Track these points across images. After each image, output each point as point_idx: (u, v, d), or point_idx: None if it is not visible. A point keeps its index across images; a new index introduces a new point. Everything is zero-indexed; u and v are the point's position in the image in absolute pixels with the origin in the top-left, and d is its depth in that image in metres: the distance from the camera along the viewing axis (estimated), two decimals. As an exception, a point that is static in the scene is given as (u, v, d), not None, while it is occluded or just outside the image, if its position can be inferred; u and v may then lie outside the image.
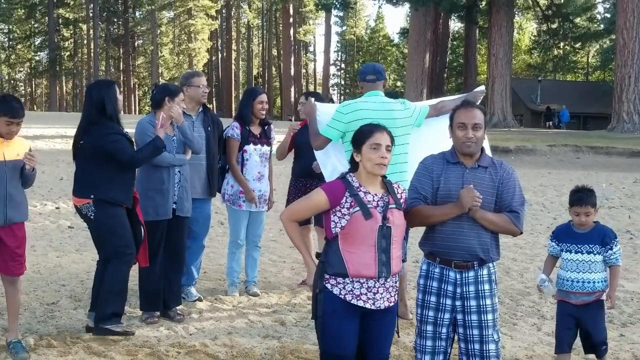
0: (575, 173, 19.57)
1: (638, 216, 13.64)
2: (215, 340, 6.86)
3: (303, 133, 8.24)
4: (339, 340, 4.60)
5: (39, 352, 6.41)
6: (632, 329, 7.57)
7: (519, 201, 4.94)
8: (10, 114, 6.07)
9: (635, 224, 12.81)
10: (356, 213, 4.45)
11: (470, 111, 4.89)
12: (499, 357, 5.04)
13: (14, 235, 6.23)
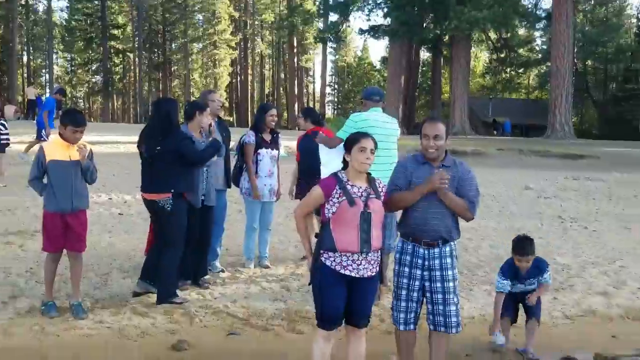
0: (519, 171, 19.56)
1: (567, 204, 13.67)
2: (235, 303, 6.89)
3: (304, 142, 8.31)
4: (330, 301, 4.62)
5: (95, 312, 6.46)
6: (562, 293, 7.64)
7: (475, 193, 5.03)
8: (74, 123, 6.18)
9: (566, 211, 12.83)
10: (343, 201, 4.51)
11: (432, 124, 4.99)
12: (458, 316, 5.08)
13: (79, 220, 6.32)
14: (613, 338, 6.58)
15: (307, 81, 73.91)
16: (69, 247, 6.32)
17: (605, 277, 8.31)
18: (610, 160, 24.04)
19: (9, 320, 6.22)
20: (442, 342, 5.12)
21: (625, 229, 11.23)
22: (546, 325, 6.51)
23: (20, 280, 7.27)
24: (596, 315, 7.14)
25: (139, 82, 68.82)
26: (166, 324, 6.32)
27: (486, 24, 36.73)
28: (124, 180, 13.93)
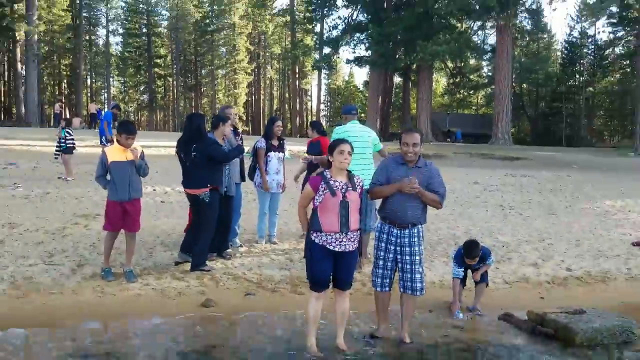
0: (469, 170, 19.58)
1: (506, 196, 13.69)
2: (250, 271, 6.90)
3: (310, 146, 8.34)
4: (319, 269, 4.69)
5: (143, 277, 6.48)
6: (502, 264, 7.66)
7: (443, 188, 5.13)
8: (127, 132, 6.31)
9: (505, 201, 12.87)
10: (327, 193, 4.61)
11: (411, 135, 5.06)
12: (422, 282, 5.16)
13: (135, 207, 6.40)
14: (541, 299, 6.62)
15: (306, 100, 73.74)
16: (127, 228, 6.39)
17: (536, 252, 8.34)
18: (539, 161, 24.11)
19: (77, 283, 6.26)
20: (410, 302, 5.18)
21: (551, 215, 11.27)
22: (490, 289, 6.52)
23: (85, 252, 7.28)
24: (528, 282, 7.18)
25: (176, 100, 68.89)
26: (197, 286, 6.34)
27: (445, 56, 36.76)
28: (164, 176, 13.92)
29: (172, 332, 5.35)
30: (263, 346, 5.00)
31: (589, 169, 21.46)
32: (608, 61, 54.14)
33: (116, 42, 67.86)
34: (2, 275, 6.26)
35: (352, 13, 42.44)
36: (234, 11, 64.49)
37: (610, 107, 56.85)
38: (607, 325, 5.40)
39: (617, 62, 53.41)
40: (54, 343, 4.92)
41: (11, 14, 43.44)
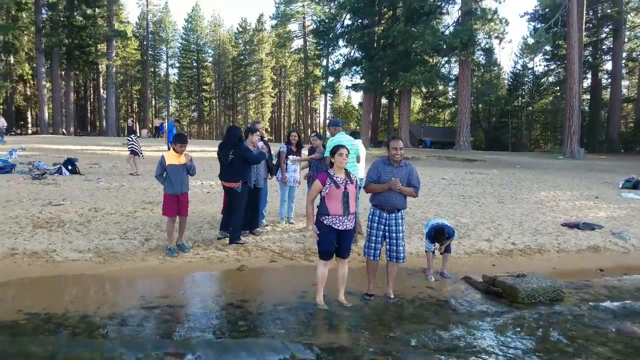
0: (438, 169, 19.44)
1: (466, 188, 13.55)
2: (274, 244, 6.88)
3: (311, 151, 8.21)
4: (326, 243, 4.70)
5: (193, 249, 6.47)
6: (463, 240, 7.58)
7: (418, 182, 5.16)
8: (180, 141, 6.27)
9: (466, 192, 12.74)
10: (332, 186, 4.63)
11: (396, 141, 5.13)
12: (404, 252, 5.16)
13: (185, 198, 6.36)
14: (493, 266, 6.57)
15: (315, 116, 73.48)
16: (180, 213, 6.34)
17: (489, 231, 8.27)
18: (491, 162, 23.92)
19: (145, 252, 6.26)
20: (394, 268, 5.18)
21: (500, 203, 11.18)
22: (454, 259, 6.49)
23: (151, 230, 7.26)
24: (483, 253, 7.12)
25: (218, 116, 68.86)
26: (234, 255, 6.33)
27: (420, 83, 36.53)
28: (209, 173, 13.91)
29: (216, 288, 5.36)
30: (283, 298, 5.00)
31: (529, 168, 21.27)
32: (543, 87, 53.97)
33: (174, 73, 67.88)
34: (89, 247, 6.29)
35: (350, 51, 42.32)
36: (261, 50, 64.37)
37: (545, 121, 56.49)
38: (542, 285, 5.36)
39: (550, 88, 53.33)
40: (128, 295, 4.95)
41: (96, 52, 43.55)
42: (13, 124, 40.41)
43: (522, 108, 55.38)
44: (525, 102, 55.76)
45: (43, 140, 24.62)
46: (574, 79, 28.74)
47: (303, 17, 56.09)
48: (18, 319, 4.19)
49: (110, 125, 43.29)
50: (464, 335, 4.24)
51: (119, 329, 4.13)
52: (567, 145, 28.93)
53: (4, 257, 5.76)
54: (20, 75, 46.89)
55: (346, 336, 4.17)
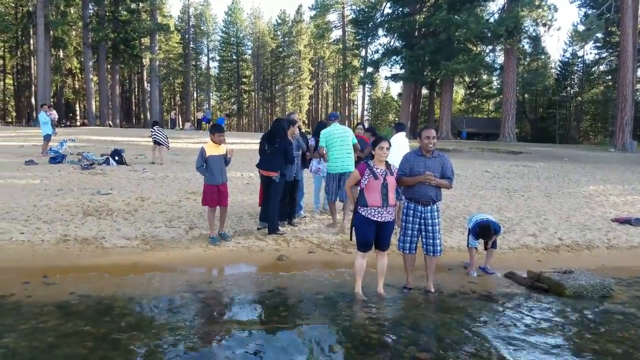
0: (481, 161, 18.94)
1: (511, 181, 13.18)
2: (312, 235, 6.93)
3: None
4: (363, 235, 4.71)
5: (234, 238, 6.61)
6: (508, 234, 7.35)
7: (452, 173, 5.05)
8: (218, 131, 6.35)
9: (510, 185, 12.39)
10: (371, 177, 4.63)
11: (428, 130, 5.03)
12: (441, 246, 5.10)
13: (225, 187, 6.46)
14: (538, 262, 6.40)
15: (353, 108, 73.03)
16: (220, 204, 6.46)
17: (534, 225, 8.03)
18: (538, 155, 23.11)
19: (188, 240, 6.46)
20: (432, 261, 5.13)
21: (546, 197, 10.82)
22: (498, 254, 6.33)
23: (194, 219, 7.48)
24: (528, 248, 6.94)
25: (257, 109, 69.68)
26: (274, 245, 6.42)
27: (463, 72, 35.64)
28: (248, 164, 14.12)
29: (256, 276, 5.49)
30: (322, 288, 5.06)
31: (577, 161, 20.42)
32: (594, 76, 51.51)
33: (214, 66, 69.14)
34: (137, 234, 6.56)
35: (390, 41, 41.78)
36: (300, 41, 64.51)
37: (595, 112, 53.84)
38: (590, 282, 5.18)
39: (601, 77, 50.82)
40: (173, 280, 5.13)
41: (140, 45, 44.91)
42: (63, 116, 42.35)
43: (571, 98, 53.08)
44: (574, 92, 53.45)
45: (90, 131, 25.70)
46: (628, 68, 27.27)
47: (342, 7, 55.69)
48: (70, 300, 4.44)
49: (155, 118, 44.59)
50: (505, 332, 4.17)
51: (166, 312, 4.30)
52: (619, 138, 27.56)
53: (57, 242, 6.09)
54: (69, 69, 49.09)
55: (384, 329, 4.17)
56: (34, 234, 6.34)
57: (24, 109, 48.28)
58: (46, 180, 10.15)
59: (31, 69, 45.84)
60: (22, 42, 48.16)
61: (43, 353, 3.41)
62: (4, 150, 15.46)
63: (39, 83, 33.43)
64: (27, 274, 5.08)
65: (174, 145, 17.92)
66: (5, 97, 54.45)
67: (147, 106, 47.79)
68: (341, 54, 58.37)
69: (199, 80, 67.34)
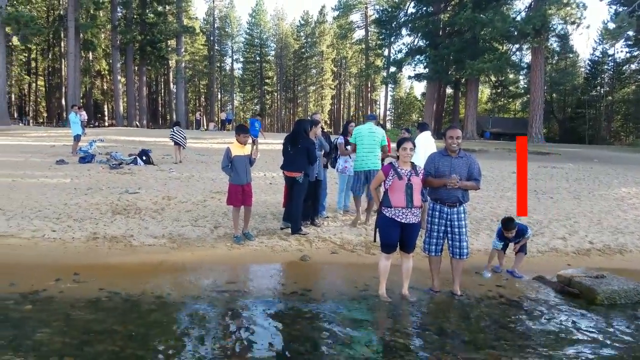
0: (508, 162, 18.55)
1: (539, 183, 12.88)
2: (335, 235, 6.91)
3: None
4: (387, 236, 4.68)
5: (258, 238, 6.64)
6: (536, 237, 7.18)
7: (479, 174, 4.95)
8: (244, 132, 6.40)
9: (538, 187, 12.11)
10: (395, 177, 4.60)
11: (453, 130, 4.94)
12: (468, 249, 5.02)
13: (249, 188, 6.51)
14: (568, 266, 6.21)
15: (375, 107, 72.67)
16: (245, 203, 6.51)
17: (564, 228, 7.82)
18: (566, 156, 22.57)
19: (214, 239, 6.53)
20: (458, 264, 5.04)
21: (576, 199, 10.54)
22: (526, 257, 6.19)
23: (219, 218, 7.55)
24: (558, 252, 6.76)
25: (279, 109, 70.08)
26: (297, 245, 6.44)
27: (489, 71, 35.10)
28: (270, 164, 14.20)
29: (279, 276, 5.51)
30: (345, 289, 5.03)
31: (608, 162, 19.84)
32: (625, 75, 49.96)
33: (238, 68, 69.84)
34: (164, 233, 6.66)
35: (413, 40, 41.51)
36: (322, 42, 64.59)
37: (626, 112, 52.22)
38: (624, 287, 5.02)
39: (632, 76, 49.22)
40: (199, 279, 5.19)
41: (166, 47, 45.70)
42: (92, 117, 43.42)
43: (601, 98, 51.64)
44: (604, 91, 52.00)
45: (118, 132, 26.28)
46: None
47: (365, 7, 55.53)
48: (100, 297, 4.53)
49: (180, 118, 45.30)
50: (534, 339, 4.06)
51: (192, 310, 4.35)
52: (653, 138, 26.70)
53: (87, 240, 6.24)
54: (98, 70, 50.32)
55: (409, 332, 4.12)
56: (65, 231, 6.50)
57: (54, 109, 49.71)
58: (76, 180, 10.42)
59: (62, 70, 47.17)
60: (53, 45, 49.62)
61: (75, 349, 3.49)
62: (36, 150, 15.94)
63: (69, 84, 34.36)
64: (58, 270, 5.21)
65: (199, 146, 18.17)
66: (37, 98, 56.19)
67: (173, 107, 48.65)
68: (364, 54, 58.18)
69: (223, 81, 68.12)
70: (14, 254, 5.70)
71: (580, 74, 54.77)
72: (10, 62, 43.26)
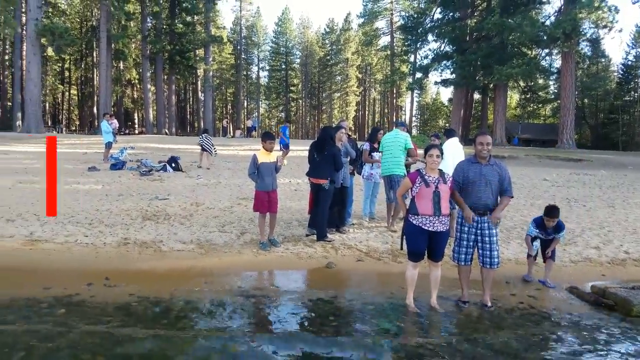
0: (539, 169, 18.13)
1: (571, 190, 12.54)
2: (361, 243, 6.87)
3: None
4: (414, 244, 4.62)
5: (283, 244, 6.65)
6: (569, 246, 6.99)
7: (509, 183, 4.86)
8: (270, 138, 6.42)
9: (570, 195, 11.78)
10: (422, 185, 4.54)
11: (483, 136, 4.84)
12: (498, 258, 4.89)
13: (275, 195, 6.51)
14: (603, 276, 6.02)
15: (401, 114, 72.20)
16: (270, 210, 6.50)
17: (597, 237, 7.58)
18: (599, 162, 21.90)
19: (240, 245, 6.57)
20: (489, 274, 4.91)
21: (609, 207, 10.20)
22: (558, 267, 6.03)
23: (246, 224, 7.61)
24: (591, 262, 6.54)
25: (304, 116, 70.47)
26: (322, 252, 6.42)
27: (517, 77, 34.54)
28: (296, 171, 14.23)
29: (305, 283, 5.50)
30: (371, 297, 4.99)
31: (644, 170, 19.19)
32: (661, 79, 48.44)
33: (264, 76, 70.68)
34: (192, 239, 6.75)
35: (440, 46, 41.22)
36: (347, 49, 64.77)
37: (663, 117, 50.62)
38: (663, 300, 4.80)
39: (669, 80, 47.69)
40: (227, 284, 5.23)
41: (194, 57, 46.62)
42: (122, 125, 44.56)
43: (635, 102, 49.97)
44: (638, 95, 50.31)
45: (148, 139, 26.87)
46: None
47: (391, 14, 55.45)
48: (130, 301, 4.62)
49: (208, 126, 46.12)
50: (566, 350, 3.93)
51: (219, 316, 4.39)
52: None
53: (118, 245, 6.38)
54: (129, 79, 51.73)
55: (438, 343, 4.05)
56: (96, 237, 6.66)
57: (87, 117, 51.30)
58: (107, 186, 10.68)
59: (94, 80, 48.71)
60: (85, 55, 51.32)
61: (106, 351, 3.56)
62: (69, 157, 16.44)
63: (101, 93, 35.40)
64: (90, 274, 5.34)
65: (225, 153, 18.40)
66: (70, 107, 58.11)
67: (201, 115, 49.48)
68: (389, 60, 58.04)
69: (249, 89, 69.00)
70: (48, 259, 5.87)
71: (613, 79, 53.24)
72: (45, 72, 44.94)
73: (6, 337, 3.75)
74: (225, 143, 24.69)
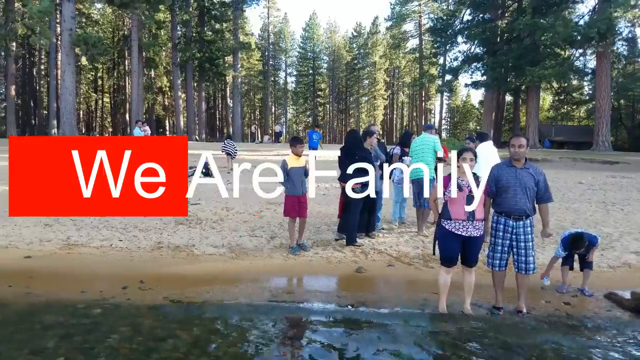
0: (574, 172, 17.60)
1: (608, 194, 12.10)
2: (390, 248, 6.83)
3: None
4: (447, 249, 4.56)
5: (313, 248, 6.69)
6: (607, 251, 6.76)
7: (547, 187, 4.76)
8: (299, 143, 6.46)
9: (607, 198, 11.38)
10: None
11: (517, 138, 4.77)
12: (534, 263, 4.78)
13: (305, 199, 6.56)
14: (644, 283, 5.80)
15: (430, 117, 71.44)
16: (300, 215, 6.55)
17: (636, 242, 7.30)
18: (636, 165, 21.08)
19: (270, 249, 6.65)
20: (524, 280, 4.81)
21: (651, 211, 9.83)
22: (596, 273, 5.83)
23: (275, 228, 7.68)
24: (631, 267, 6.32)
25: (331, 120, 70.56)
26: (352, 257, 6.42)
27: (550, 78, 33.61)
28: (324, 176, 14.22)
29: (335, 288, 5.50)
30: (403, 303, 4.95)
31: (686, 172, 18.36)
32: None
33: (291, 81, 71.20)
34: (223, 243, 6.87)
35: (470, 47, 40.59)
36: (375, 52, 64.58)
37: None
38: None
39: None
40: (258, 288, 5.29)
41: (223, 64, 47.41)
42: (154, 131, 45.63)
43: (676, 103, 48.08)
44: (679, 96, 48.32)
45: (179, 145, 27.39)
46: None
47: (419, 16, 55.04)
48: (164, 304, 4.73)
49: (236, 132, 46.77)
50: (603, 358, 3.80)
51: (251, 320, 4.44)
52: None
53: (152, 249, 6.54)
54: (160, 87, 52.97)
55: (472, 350, 3.98)
56: (131, 241, 6.85)
57: (119, 124, 52.79)
58: (141, 191, 10.95)
59: (126, 88, 50.13)
60: (118, 64, 52.88)
61: (141, 355, 3.65)
62: (105, 163, 16.91)
63: (133, 101, 36.36)
64: (125, 278, 5.50)
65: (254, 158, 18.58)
66: (103, 114, 59.92)
67: (230, 121, 50.16)
68: (417, 62, 57.54)
69: (277, 95, 69.62)
70: (84, 263, 6.08)
71: (652, 79, 51.30)
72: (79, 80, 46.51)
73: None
74: (254, 148, 25.01)
